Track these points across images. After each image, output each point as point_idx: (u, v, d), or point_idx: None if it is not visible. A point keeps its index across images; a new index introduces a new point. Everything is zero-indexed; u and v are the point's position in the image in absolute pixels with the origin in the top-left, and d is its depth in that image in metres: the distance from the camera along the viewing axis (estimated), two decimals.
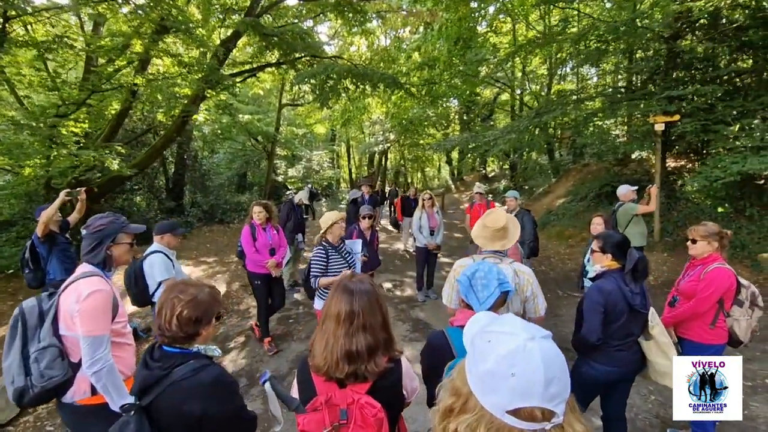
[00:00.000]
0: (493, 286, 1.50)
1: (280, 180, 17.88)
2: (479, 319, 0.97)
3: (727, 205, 7.65)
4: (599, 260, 2.54)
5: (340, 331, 1.33)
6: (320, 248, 3.40)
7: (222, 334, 5.09)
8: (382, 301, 1.40)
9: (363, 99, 13.59)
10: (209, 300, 1.45)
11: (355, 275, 1.44)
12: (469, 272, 1.56)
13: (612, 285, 2.33)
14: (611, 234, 2.55)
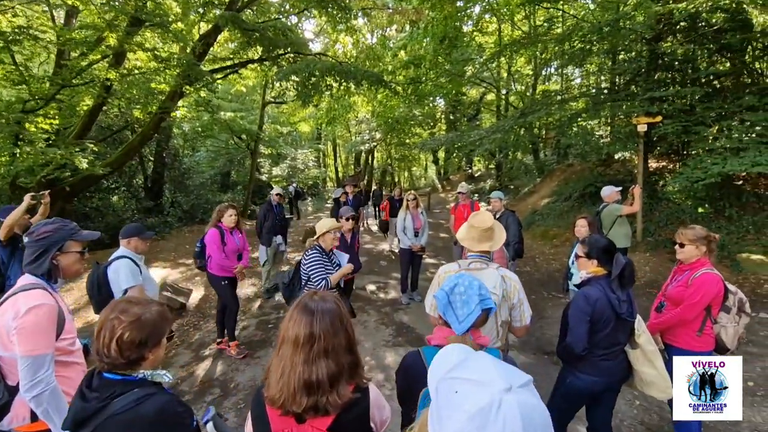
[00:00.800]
0: (473, 302, 1.37)
1: (264, 179, 17.57)
2: (447, 358, 0.82)
3: (707, 206, 7.73)
4: (584, 266, 2.44)
5: (298, 358, 1.17)
6: (315, 251, 3.26)
7: (197, 341, 4.89)
8: (347, 321, 1.25)
9: (348, 97, 13.42)
10: (156, 320, 1.28)
11: (317, 293, 1.29)
12: (447, 287, 1.43)
13: (598, 292, 2.24)
14: (597, 238, 2.45)
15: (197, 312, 5.93)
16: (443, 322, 1.47)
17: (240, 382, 3.88)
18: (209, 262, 4.24)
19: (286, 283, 3.39)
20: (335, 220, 3.38)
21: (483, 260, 2.29)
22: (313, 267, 3.18)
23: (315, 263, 3.19)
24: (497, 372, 0.66)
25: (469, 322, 1.35)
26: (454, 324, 1.37)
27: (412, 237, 5.74)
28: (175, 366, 4.27)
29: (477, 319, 1.37)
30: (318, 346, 1.16)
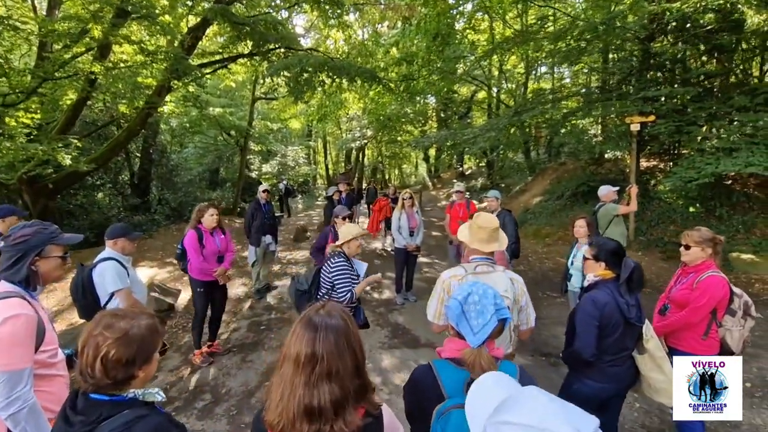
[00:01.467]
0: (489, 312, 1.29)
1: (253, 176, 17.30)
2: (488, 393, 0.71)
3: (698, 206, 7.80)
4: (592, 269, 2.38)
5: (298, 379, 1.04)
6: (342, 258, 3.05)
7: (186, 344, 4.74)
8: (356, 341, 1.13)
9: (339, 94, 13.26)
10: (145, 334, 1.17)
11: (325, 305, 1.18)
12: (461, 296, 1.34)
13: (607, 296, 2.17)
14: (605, 241, 2.39)
15: (186, 313, 5.77)
16: (455, 332, 1.38)
17: (232, 387, 3.75)
18: (189, 265, 4.10)
19: (302, 290, 3.14)
20: (359, 227, 3.20)
21: (489, 263, 2.21)
22: (339, 276, 2.98)
23: (342, 272, 2.99)
24: (558, 416, 0.56)
25: (485, 334, 1.26)
26: (468, 336, 1.28)
27: (408, 236, 5.66)
28: (163, 370, 4.12)
29: (493, 330, 1.28)
30: (320, 368, 1.04)
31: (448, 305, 1.36)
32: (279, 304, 5.96)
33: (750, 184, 8.40)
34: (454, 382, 1.27)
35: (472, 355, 1.24)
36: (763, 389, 3.58)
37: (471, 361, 1.23)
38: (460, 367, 1.29)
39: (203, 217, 4.07)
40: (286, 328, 5.07)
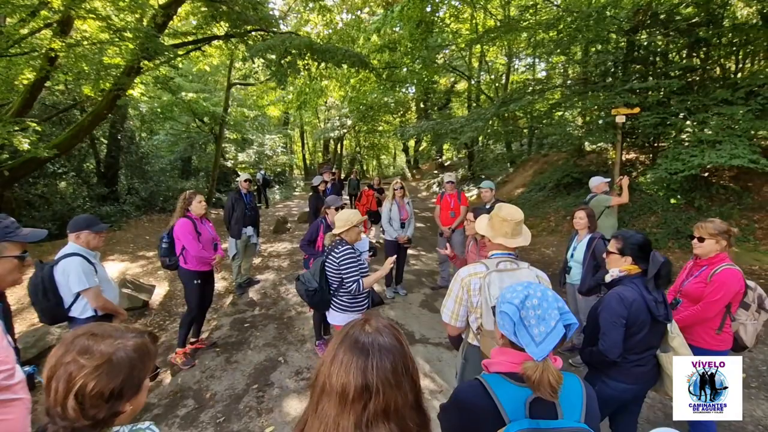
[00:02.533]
0: (552, 318, 1.09)
1: (229, 165, 16.66)
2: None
3: (679, 197, 7.92)
4: (616, 263, 2.24)
5: (347, 421, 0.81)
6: (348, 247, 2.85)
7: (164, 344, 4.41)
8: (413, 365, 0.92)
9: (320, 81, 12.84)
10: (134, 358, 0.91)
11: (370, 320, 0.96)
12: (517, 299, 1.14)
13: (634, 293, 2.03)
14: (632, 234, 2.24)
15: (162, 310, 5.41)
16: (506, 342, 1.18)
17: (217, 391, 3.47)
18: (184, 257, 3.78)
19: (312, 290, 2.88)
20: (357, 213, 2.96)
21: (512, 258, 2.03)
22: (347, 265, 2.78)
23: (349, 260, 2.79)
24: None
25: (550, 344, 1.07)
26: (529, 347, 1.08)
27: (399, 228, 5.46)
28: None
29: (560, 340, 1.09)
30: (375, 404, 0.82)
31: (503, 310, 1.15)
32: (263, 300, 5.67)
33: (725, 176, 8.61)
34: (514, 402, 1.08)
35: (536, 370, 1.04)
36: (758, 379, 3.60)
37: (535, 377, 1.03)
38: (520, 384, 1.09)
39: (191, 204, 3.80)
40: (271, 325, 4.80)
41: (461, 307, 2.03)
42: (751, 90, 6.85)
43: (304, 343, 4.30)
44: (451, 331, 2.12)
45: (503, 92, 15.88)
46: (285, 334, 4.55)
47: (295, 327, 4.73)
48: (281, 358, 4.00)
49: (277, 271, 7.01)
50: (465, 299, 2.01)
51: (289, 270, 7.08)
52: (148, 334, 0.99)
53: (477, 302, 1.98)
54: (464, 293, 2.01)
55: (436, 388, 3.47)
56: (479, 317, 1.98)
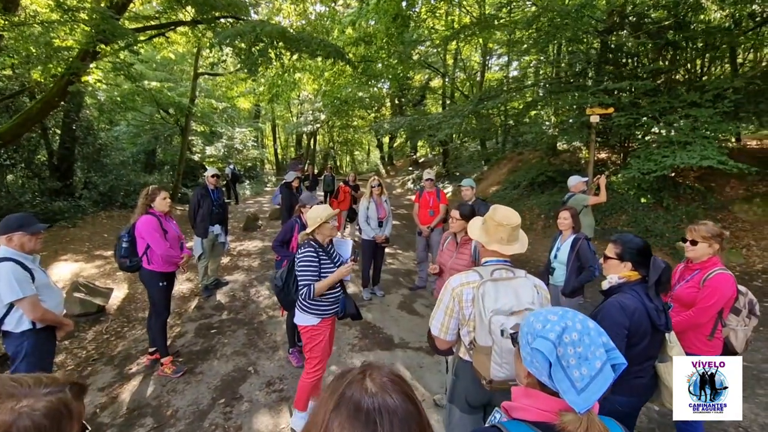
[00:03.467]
0: (597, 358, 0.89)
1: (196, 159, 15.91)
2: None
3: (649, 196, 8.10)
4: (615, 269, 2.10)
5: None
6: (310, 249, 2.62)
7: (121, 354, 4.03)
8: (429, 426, 0.72)
9: (293, 73, 12.40)
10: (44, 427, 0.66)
11: (369, 371, 0.74)
12: (552, 332, 0.92)
13: (635, 302, 1.91)
14: (631, 238, 2.11)
15: (120, 316, 4.99)
16: (536, 382, 0.98)
17: (179, 407, 3.17)
18: (148, 257, 3.45)
19: (280, 287, 2.75)
20: (329, 207, 2.74)
21: (507, 266, 1.86)
22: (301, 268, 2.58)
23: (306, 263, 2.58)
24: None
25: (597, 391, 0.86)
26: (569, 394, 0.87)
27: (376, 227, 5.26)
28: (92, 390, 3.42)
29: (609, 386, 0.89)
30: None
31: (534, 347, 0.93)
32: (231, 303, 5.33)
33: (691, 176, 8.90)
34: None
35: (579, 426, 0.85)
36: (745, 380, 3.62)
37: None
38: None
39: (155, 200, 3.49)
40: (240, 330, 4.50)
41: (452, 319, 1.85)
42: (718, 93, 7.06)
43: (276, 351, 4.04)
44: (441, 344, 1.94)
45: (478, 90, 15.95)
46: (255, 340, 4.27)
47: (267, 332, 4.45)
48: (251, 367, 3.72)
49: (247, 272, 6.67)
50: (456, 311, 1.84)
51: (259, 270, 6.75)
52: (70, 387, 0.74)
53: (470, 314, 1.80)
54: (455, 304, 1.83)
55: (418, 397, 3.29)
56: (472, 331, 1.81)
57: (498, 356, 1.66)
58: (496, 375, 1.68)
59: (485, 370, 1.71)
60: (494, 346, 1.66)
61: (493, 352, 1.67)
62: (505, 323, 1.65)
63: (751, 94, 7.29)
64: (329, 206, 2.86)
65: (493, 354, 1.67)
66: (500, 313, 1.67)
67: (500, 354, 1.65)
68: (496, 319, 1.66)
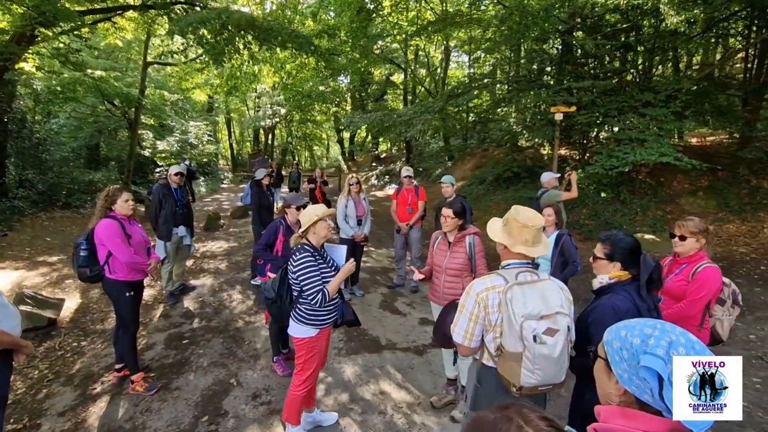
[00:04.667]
0: None
1: (147, 154, 14.87)
2: None
3: (608, 191, 8.53)
4: (604, 269, 2.06)
5: None
6: (307, 254, 2.42)
7: (81, 372, 3.64)
8: None
9: (253, 65, 11.87)
10: None
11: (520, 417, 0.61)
12: (659, 348, 0.87)
13: (627, 303, 1.89)
14: (621, 237, 2.08)
15: (74, 329, 4.52)
16: (633, 401, 0.91)
17: (157, 428, 2.89)
18: (111, 266, 3.11)
19: (271, 299, 2.54)
20: (322, 206, 2.55)
21: (531, 268, 1.82)
22: (304, 274, 2.37)
23: (307, 269, 2.37)
24: None
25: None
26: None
27: (355, 225, 5.12)
28: (50, 415, 3.05)
29: None
30: None
31: (644, 365, 0.87)
32: (201, 309, 4.99)
33: (643, 172, 9.48)
34: None
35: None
36: None
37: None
38: None
39: (116, 202, 3.16)
40: (216, 339, 4.22)
41: (477, 325, 1.78)
42: (670, 93, 7.53)
43: (258, 359, 3.81)
44: (465, 351, 1.86)
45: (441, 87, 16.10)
46: (234, 349, 4.01)
47: (246, 340, 4.20)
48: (233, 379, 3.48)
49: (215, 275, 6.29)
50: (482, 317, 1.76)
51: (228, 273, 6.39)
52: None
53: (496, 320, 1.74)
54: (480, 310, 1.76)
55: (413, 400, 3.23)
56: (498, 336, 1.74)
57: (530, 362, 1.61)
58: (527, 382, 1.64)
59: (515, 376, 1.66)
60: (526, 352, 1.61)
61: (524, 359, 1.62)
62: (537, 328, 1.61)
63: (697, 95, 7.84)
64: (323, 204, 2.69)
65: (524, 360, 1.62)
66: (531, 318, 1.62)
67: (532, 360, 1.60)
68: (528, 325, 1.61)
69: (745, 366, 3.79)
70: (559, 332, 1.62)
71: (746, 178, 8.17)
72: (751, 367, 3.80)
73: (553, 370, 1.65)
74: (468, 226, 2.99)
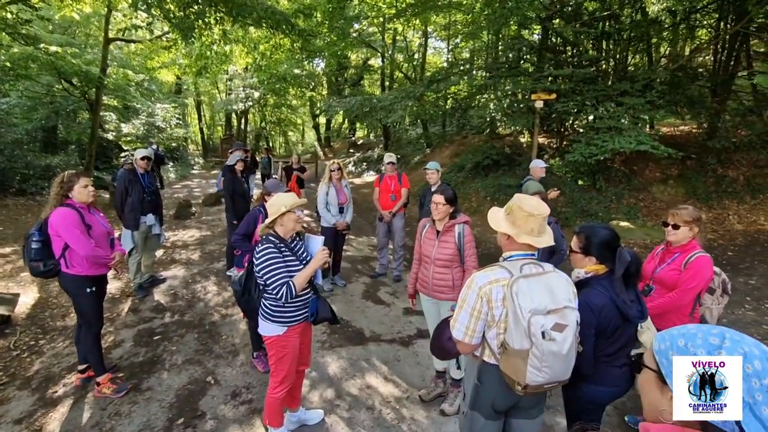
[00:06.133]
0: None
1: (110, 138, 14.03)
2: None
3: (585, 179, 8.65)
4: (579, 263, 2.01)
5: None
6: (269, 245, 2.24)
7: (40, 374, 3.34)
8: None
9: (223, 45, 11.28)
10: None
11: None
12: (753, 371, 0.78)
13: (603, 298, 1.84)
14: (595, 229, 2.00)
15: (32, 326, 4.17)
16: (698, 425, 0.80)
17: None
18: (68, 259, 2.82)
19: (240, 291, 2.38)
20: (292, 196, 2.36)
21: (535, 260, 1.71)
22: (265, 268, 2.19)
23: (268, 262, 2.19)
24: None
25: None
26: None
27: (337, 213, 4.94)
28: (4, 422, 2.78)
29: None
30: None
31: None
32: (173, 303, 4.72)
33: (617, 160, 9.67)
34: None
35: None
36: None
37: None
38: None
39: (73, 189, 2.86)
40: (190, 335, 3.98)
41: (479, 321, 1.66)
42: (647, 83, 7.63)
43: (236, 356, 3.61)
44: (465, 348, 1.74)
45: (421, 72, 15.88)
46: (210, 345, 3.79)
47: (222, 335, 3.98)
48: (210, 377, 3.28)
49: (187, 266, 5.99)
50: (484, 312, 1.64)
51: (201, 263, 6.10)
52: None
53: (500, 315, 1.63)
54: (483, 305, 1.64)
55: (401, 393, 3.13)
56: (502, 332, 1.63)
57: (537, 360, 1.51)
58: (533, 380, 1.54)
59: (520, 374, 1.56)
60: (533, 349, 1.51)
61: (531, 356, 1.52)
62: (545, 324, 1.51)
63: (671, 85, 7.98)
64: (294, 194, 2.49)
65: (531, 358, 1.52)
66: (538, 313, 1.52)
67: (540, 358, 1.51)
68: (536, 320, 1.50)
69: None
70: (567, 328, 1.53)
71: (713, 168, 8.45)
72: None
73: (560, 368, 1.56)
74: (458, 215, 2.86)
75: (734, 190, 8.06)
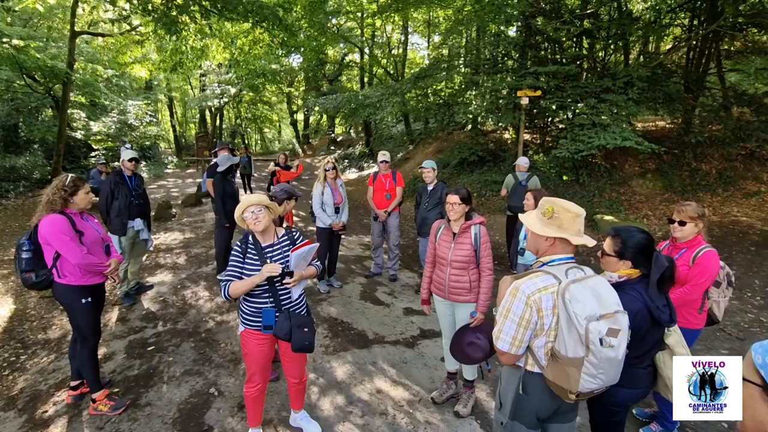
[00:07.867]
0: None
1: (78, 137, 13.34)
2: None
3: (570, 174, 8.82)
4: (612, 267, 1.99)
5: None
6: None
7: (26, 392, 3.12)
8: None
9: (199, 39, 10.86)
10: None
11: None
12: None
13: (638, 303, 1.83)
14: (632, 233, 1.97)
15: (11, 340, 3.90)
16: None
17: None
18: (60, 269, 2.64)
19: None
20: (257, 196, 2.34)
21: (576, 264, 1.68)
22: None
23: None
24: None
25: None
26: None
27: (333, 214, 4.83)
28: None
29: None
30: None
31: None
32: (164, 310, 4.51)
33: (598, 155, 9.90)
34: None
35: None
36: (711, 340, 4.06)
37: None
38: None
39: (78, 194, 2.73)
40: (186, 344, 3.81)
41: (527, 331, 1.61)
42: (628, 80, 7.82)
43: (237, 364, 3.47)
44: (508, 359, 1.69)
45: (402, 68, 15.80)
46: (208, 354, 3.63)
47: (220, 342, 3.83)
48: (212, 389, 3.14)
49: (174, 270, 5.75)
50: (534, 321, 1.58)
51: (189, 267, 5.87)
52: None
53: (550, 323, 1.58)
54: (532, 314, 1.57)
55: (412, 397, 3.08)
56: (552, 341, 1.59)
57: (593, 367, 1.48)
58: (587, 387, 1.52)
59: (572, 382, 1.52)
60: (590, 356, 1.48)
61: (587, 363, 1.49)
62: (601, 330, 1.48)
63: (650, 82, 8.21)
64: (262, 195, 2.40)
65: (586, 365, 1.49)
66: (592, 320, 1.49)
67: (597, 365, 1.48)
68: (594, 327, 1.47)
69: (709, 339, 4.06)
70: (621, 332, 1.51)
71: (687, 162, 8.77)
72: (716, 339, 4.05)
73: (614, 373, 1.55)
74: (473, 215, 2.82)
75: (707, 183, 8.39)
